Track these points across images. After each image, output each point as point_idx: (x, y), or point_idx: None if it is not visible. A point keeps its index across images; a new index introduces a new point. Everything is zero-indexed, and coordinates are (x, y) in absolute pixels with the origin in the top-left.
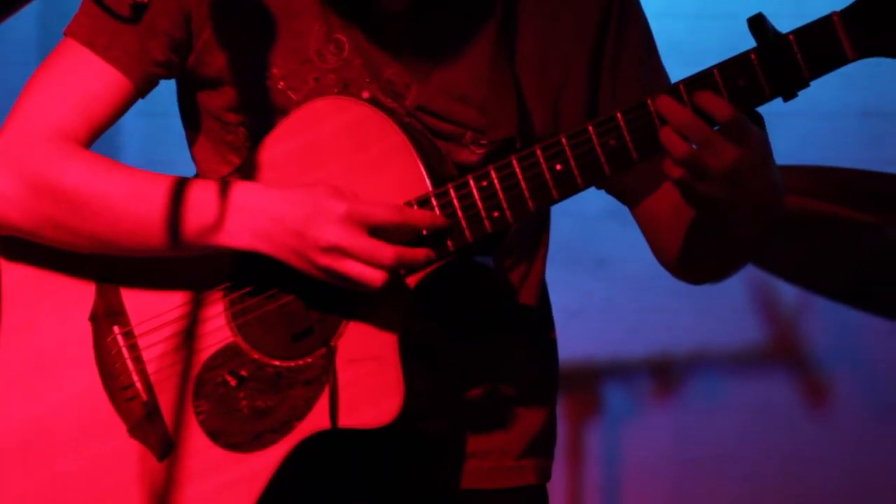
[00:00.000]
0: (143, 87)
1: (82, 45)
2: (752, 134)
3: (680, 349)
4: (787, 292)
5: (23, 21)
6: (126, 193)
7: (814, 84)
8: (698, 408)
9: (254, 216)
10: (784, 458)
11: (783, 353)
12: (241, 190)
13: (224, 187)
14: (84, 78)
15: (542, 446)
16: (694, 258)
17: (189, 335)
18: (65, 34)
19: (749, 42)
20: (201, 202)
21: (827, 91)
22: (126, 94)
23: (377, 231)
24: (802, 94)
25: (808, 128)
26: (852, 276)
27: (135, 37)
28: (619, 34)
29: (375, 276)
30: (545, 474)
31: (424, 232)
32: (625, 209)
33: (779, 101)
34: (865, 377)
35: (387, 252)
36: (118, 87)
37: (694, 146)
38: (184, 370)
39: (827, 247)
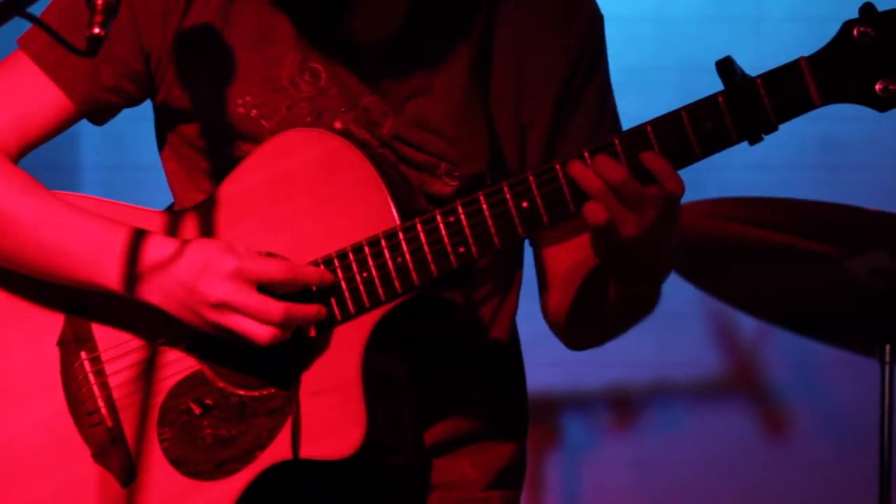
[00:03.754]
0: (86, 111)
1: (31, 60)
2: (656, 205)
3: (639, 380)
4: (746, 323)
5: None
6: (36, 218)
7: None
8: (657, 438)
9: (149, 269)
10: (743, 488)
11: (742, 383)
12: (142, 238)
13: (127, 233)
14: (26, 93)
15: (509, 479)
16: (577, 317)
17: (155, 363)
18: (17, 43)
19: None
20: (102, 245)
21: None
22: (66, 114)
23: (267, 288)
24: None
25: (764, 159)
26: (810, 307)
27: (87, 59)
28: (583, 84)
29: (263, 333)
30: None
31: (314, 288)
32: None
33: None
34: (823, 407)
35: (275, 309)
36: (58, 107)
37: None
38: (144, 398)
39: (785, 278)
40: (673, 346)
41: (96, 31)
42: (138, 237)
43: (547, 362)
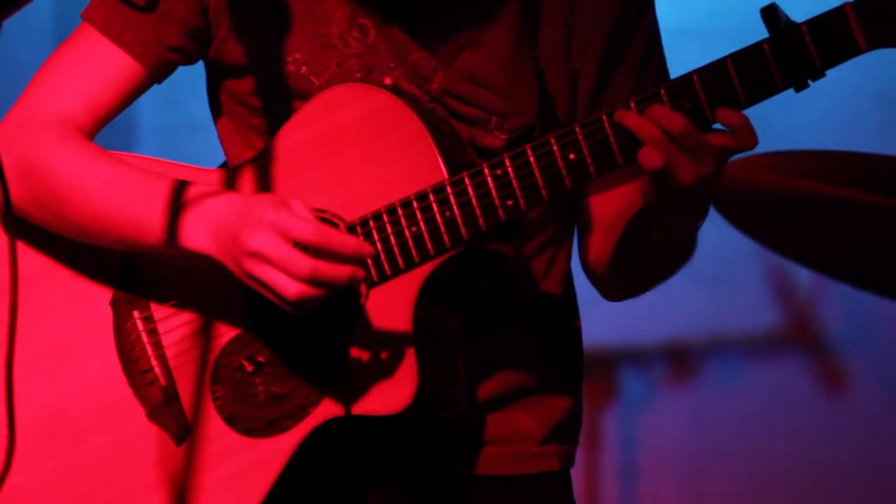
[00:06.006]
0: (156, 73)
1: (97, 30)
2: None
3: (696, 334)
4: (803, 276)
5: (38, 3)
6: (104, 184)
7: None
8: (714, 393)
9: (207, 219)
10: (800, 442)
11: (799, 337)
12: (200, 193)
13: (185, 189)
14: (96, 63)
15: (565, 432)
16: (619, 264)
17: (207, 321)
18: (81, 17)
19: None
20: (169, 203)
21: (839, 76)
22: (138, 79)
23: (305, 248)
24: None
25: (821, 113)
26: (867, 260)
27: (149, 22)
28: (629, 34)
29: (290, 288)
30: (568, 460)
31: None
32: None
33: None
34: (881, 360)
35: (302, 264)
36: (130, 73)
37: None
38: (197, 356)
39: (841, 231)
40: (730, 300)
41: None
42: (198, 193)
43: (604, 317)
